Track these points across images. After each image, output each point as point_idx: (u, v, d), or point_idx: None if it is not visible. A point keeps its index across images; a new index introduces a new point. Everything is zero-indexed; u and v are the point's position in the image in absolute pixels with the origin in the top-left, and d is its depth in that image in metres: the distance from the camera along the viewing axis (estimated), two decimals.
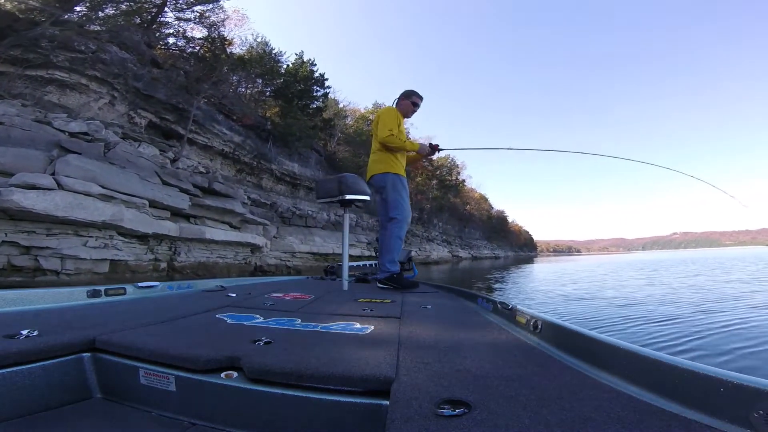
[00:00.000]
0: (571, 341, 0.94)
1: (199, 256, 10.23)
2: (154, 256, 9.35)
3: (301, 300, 1.84)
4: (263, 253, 13.16)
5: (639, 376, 0.70)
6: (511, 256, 59.65)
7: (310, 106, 24.12)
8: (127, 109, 13.30)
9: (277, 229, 16.07)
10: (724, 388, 0.55)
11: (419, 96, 2.83)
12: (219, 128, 16.70)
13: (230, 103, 17.95)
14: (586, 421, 0.54)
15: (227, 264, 11.22)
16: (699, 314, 4.38)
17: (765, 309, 4.58)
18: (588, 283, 9.18)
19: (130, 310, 1.39)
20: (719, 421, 0.53)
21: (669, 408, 0.58)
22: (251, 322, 1.26)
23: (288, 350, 0.89)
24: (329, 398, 0.71)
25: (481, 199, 59.86)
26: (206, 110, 16.22)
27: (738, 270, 11.71)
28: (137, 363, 0.86)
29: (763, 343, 3.03)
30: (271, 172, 19.25)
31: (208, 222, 10.51)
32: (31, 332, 0.94)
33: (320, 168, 23.25)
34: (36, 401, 0.80)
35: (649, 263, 20.54)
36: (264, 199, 17.15)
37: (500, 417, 0.55)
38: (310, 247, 17.09)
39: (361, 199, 2.35)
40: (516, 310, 1.32)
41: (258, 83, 22.76)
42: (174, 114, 14.79)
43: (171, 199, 9.06)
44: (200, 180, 10.75)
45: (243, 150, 17.70)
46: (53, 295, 1.53)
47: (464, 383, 0.70)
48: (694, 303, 5.29)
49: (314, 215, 20.28)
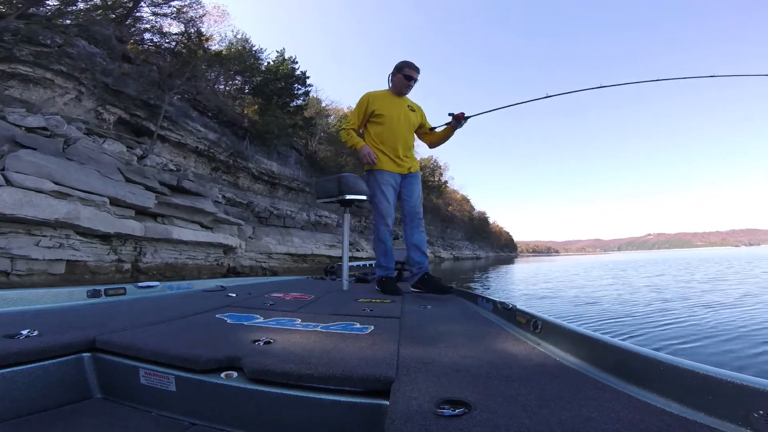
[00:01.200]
0: (571, 341, 0.94)
1: (167, 257, 9.90)
2: (117, 257, 8.99)
3: (301, 300, 1.84)
4: (237, 254, 12.86)
5: (639, 376, 0.70)
6: (492, 257, 60.60)
7: (291, 104, 23.86)
8: (94, 104, 12.79)
9: (253, 230, 15.76)
10: (724, 388, 0.55)
11: (412, 67, 2.35)
12: (193, 125, 16.24)
13: (205, 100, 17.50)
14: (586, 421, 0.53)
15: (198, 265, 10.91)
16: (646, 313, 4.52)
17: (707, 308, 4.77)
18: (557, 283, 9.41)
19: (130, 310, 1.39)
20: (719, 421, 0.53)
21: (669, 408, 0.58)
22: (251, 322, 1.26)
23: (288, 350, 0.89)
24: (329, 398, 0.71)
25: (463, 200, 60.54)
26: (180, 106, 15.75)
27: (701, 271, 12.20)
28: (137, 363, 0.86)
29: (693, 340, 3.15)
30: (248, 171, 18.86)
31: (177, 221, 10.19)
32: (31, 332, 0.94)
33: (300, 167, 22.97)
34: (36, 401, 0.80)
35: (620, 264, 21.22)
36: (240, 199, 16.79)
37: (500, 417, 0.55)
38: (287, 248, 16.84)
39: (361, 199, 2.32)
40: (516, 310, 1.32)
41: (237, 80, 22.40)
42: (145, 110, 14.31)
43: (135, 197, 8.72)
44: (168, 178, 10.40)
45: (218, 148, 17.28)
46: (53, 295, 1.53)
47: (464, 383, 0.70)
48: (646, 302, 5.48)
49: (293, 215, 20.01)
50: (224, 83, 22.24)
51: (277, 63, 23.33)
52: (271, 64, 22.99)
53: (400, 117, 2.34)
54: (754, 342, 3.02)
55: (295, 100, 24.60)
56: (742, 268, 12.70)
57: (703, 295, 6.01)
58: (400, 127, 2.33)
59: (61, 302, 1.52)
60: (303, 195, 22.82)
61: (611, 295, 6.44)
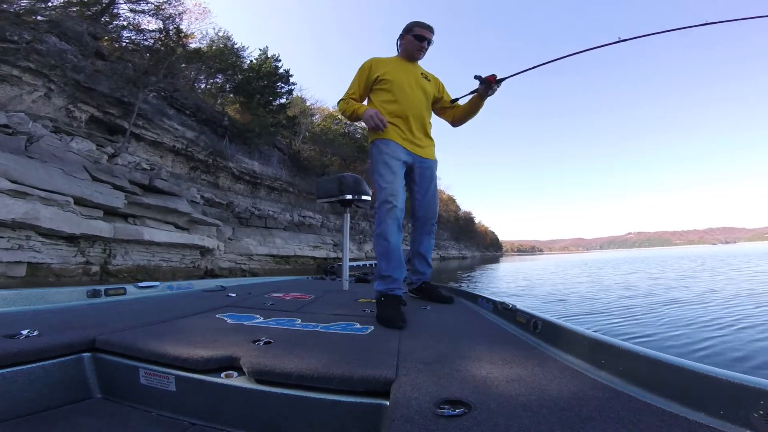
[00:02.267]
0: (571, 341, 0.94)
1: (139, 259, 9.59)
2: (85, 259, 8.65)
3: (301, 300, 1.83)
4: (215, 255, 12.58)
5: (639, 376, 0.70)
6: (478, 257, 61.20)
7: (273, 102, 23.59)
8: (65, 102, 12.33)
9: (233, 231, 15.45)
10: (724, 388, 0.55)
11: (424, 26, 1.83)
12: (170, 123, 15.82)
13: (183, 97, 17.08)
14: (586, 421, 0.53)
15: (172, 267, 10.60)
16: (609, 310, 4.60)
17: (666, 305, 4.88)
18: (534, 281, 9.54)
19: (130, 310, 1.39)
20: (719, 421, 0.53)
21: (669, 408, 0.58)
22: (251, 322, 1.26)
23: (288, 350, 0.89)
24: (329, 398, 0.71)
25: (449, 200, 60.97)
26: (156, 104, 15.32)
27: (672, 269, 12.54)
28: (137, 363, 0.86)
29: (642, 335, 3.21)
30: (228, 171, 18.50)
31: (149, 222, 9.87)
32: (31, 332, 0.94)
33: (283, 167, 22.67)
34: (36, 401, 0.80)
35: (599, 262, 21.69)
36: (219, 199, 16.44)
37: (500, 417, 0.55)
38: (269, 249, 16.56)
39: (362, 200, 2.28)
40: (516, 310, 1.32)
41: (218, 78, 22.04)
42: (119, 108, 13.87)
43: (102, 196, 8.40)
44: (140, 177, 10.06)
45: (197, 146, 16.88)
46: (53, 295, 1.53)
47: (464, 383, 0.70)
48: (612, 299, 5.59)
49: (275, 216, 19.72)
50: (205, 81, 21.91)
51: (259, 61, 23.09)
52: (253, 63, 22.75)
53: (413, 85, 1.80)
54: (698, 337, 3.08)
55: (279, 98, 24.40)
56: (713, 266, 13.11)
57: (668, 291, 6.16)
58: (415, 98, 1.79)
59: (61, 302, 1.52)
60: (286, 195, 22.54)
61: (580, 292, 6.58)
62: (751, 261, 14.66)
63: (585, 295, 6.05)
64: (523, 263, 24.98)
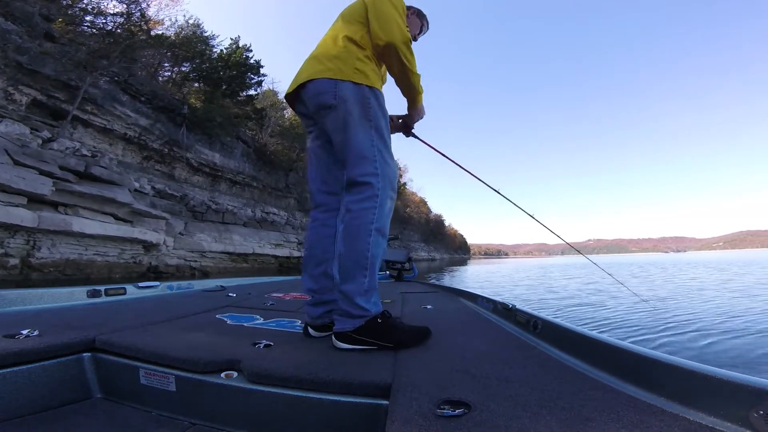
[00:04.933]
0: (571, 341, 0.94)
1: (68, 252, 8.86)
2: (3, 251, 7.89)
3: (302, 300, 1.80)
4: (161, 251, 11.89)
5: (639, 376, 0.69)
6: (447, 259, 62.35)
7: (241, 93, 22.88)
8: (4, 84, 11.28)
9: (185, 225, 14.70)
10: (724, 388, 0.55)
11: (427, 20, 1.66)
12: (122, 110, 14.87)
13: (138, 83, 16.09)
14: (586, 422, 0.53)
15: (108, 263, 9.89)
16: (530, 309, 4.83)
17: (581, 307, 5.09)
18: (483, 282, 9.75)
19: (130, 310, 1.39)
20: (719, 421, 0.53)
21: (669, 408, 0.58)
22: (251, 323, 1.26)
23: (288, 354, 0.89)
24: (329, 398, 0.71)
25: (421, 202, 61.65)
26: (107, 89, 14.36)
27: (615, 274, 13.19)
28: (137, 363, 0.86)
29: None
30: (186, 161, 17.62)
31: (83, 212, 9.15)
32: (31, 332, 0.94)
33: (247, 160, 21.90)
34: (36, 401, 0.80)
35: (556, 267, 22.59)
36: (173, 191, 15.61)
37: (500, 417, 0.55)
38: (225, 246, 15.88)
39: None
40: (516, 310, 1.32)
41: (185, 66, 21.11)
42: (65, 92, 12.90)
43: (25, 182, 7.68)
44: (74, 163, 9.28)
45: (151, 135, 15.95)
46: (53, 295, 1.53)
47: (464, 383, 0.70)
48: (533, 300, 5.84)
49: (235, 211, 19.00)
50: (171, 69, 20.98)
51: (230, 50, 22.40)
52: (223, 52, 22.04)
53: None
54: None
55: (247, 89, 23.71)
56: (651, 273, 13.93)
57: (588, 296, 6.47)
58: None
59: (61, 302, 1.53)
60: (249, 190, 21.82)
61: (514, 294, 6.89)
62: (686, 269, 15.65)
63: (516, 297, 6.26)
64: (488, 266, 25.68)
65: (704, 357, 2.82)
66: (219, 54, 21.93)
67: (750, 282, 8.47)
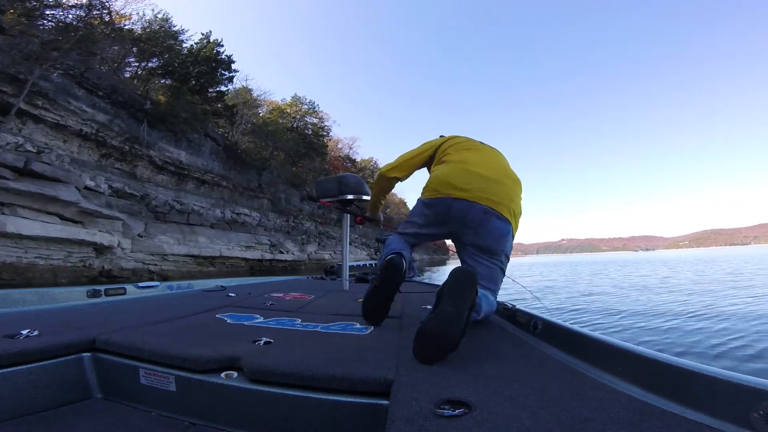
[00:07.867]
0: (571, 341, 0.94)
1: (4, 255, 8.22)
2: None
3: (301, 300, 1.84)
4: (116, 254, 11.25)
5: (639, 376, 0.70)
6: (426, 259, 62.68)
7: (211, 89, 22.12)
8: None
9: (145, 226, 14.02)
10: (724, 388, 0.55)
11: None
12: (77, 104, 14.02)
13: (95, 77, 15.21)
14: (586, 422, 0.54)
15: (52, 266, 9.25)
16: None
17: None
18: None
19: (130, 310, 1.40)
20: (719, 421, 0.53)
21: (669, 408, 0.58)
22: (251, 322, 1.27)
23: (288, 351, 0.89)
24: (329, 398, 0.71)
25: (401, 203, 61.88)
26: (60, 83, 13.51)
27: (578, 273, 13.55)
28: (137, 363, 0.86)
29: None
30: (149, 159, 16.82)
31: (22, 211, 8.50)
32: (31, 332, 0.95)
33: (217, 159, 21.16)
34: (36, 401, 0.80)
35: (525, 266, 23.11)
36: (132, 190, 14.84)
37: (500, 417, 0.55)
38: (189, 249, 15.25)
39: (363, 200, 2.28)
40: (516, 310, 1.32)
41: (153, 62, 20.20)
42: (14, 86, 12.03)
43: None
44: (12, 158, 8.60)
45: (110, 131, 15.14)
46: (53, 295, 1.55)
47: (464, 383, 0.70)
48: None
49: (202, 211, 18.30)
50: (137, 64, 20.06)
51: (200, 45, 21.61)
52: (193, 47, 21.24)
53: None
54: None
55: (218, 85, 22.94)
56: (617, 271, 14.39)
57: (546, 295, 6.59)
58: None
59: (61, 302, 1.53)
60: (218, 189, 21.11)
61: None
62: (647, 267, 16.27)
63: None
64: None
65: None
66: (189, 49, 21.11)
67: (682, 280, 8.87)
